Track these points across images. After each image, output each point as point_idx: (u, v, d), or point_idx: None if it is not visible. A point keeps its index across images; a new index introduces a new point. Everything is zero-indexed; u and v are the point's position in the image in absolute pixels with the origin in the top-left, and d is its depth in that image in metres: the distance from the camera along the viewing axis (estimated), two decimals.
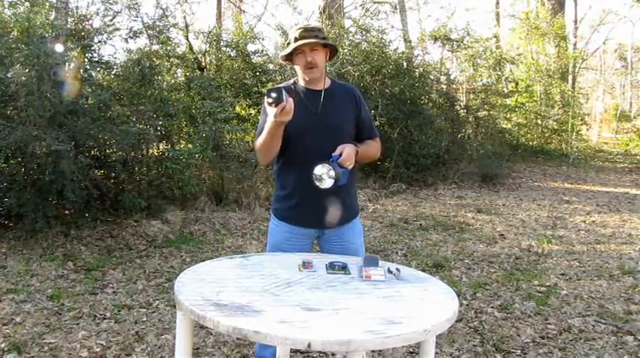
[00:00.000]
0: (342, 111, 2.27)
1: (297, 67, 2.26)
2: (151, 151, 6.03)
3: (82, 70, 5.64)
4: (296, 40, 2.19)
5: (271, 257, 2.12)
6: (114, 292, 3.81)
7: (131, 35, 6.29)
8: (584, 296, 3.93)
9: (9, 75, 4.96)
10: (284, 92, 1.96)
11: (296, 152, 2.22)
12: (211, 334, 3.13)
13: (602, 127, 19.91)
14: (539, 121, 13.69)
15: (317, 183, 2.06)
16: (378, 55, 8.70)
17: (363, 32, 9.46)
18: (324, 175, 2.06)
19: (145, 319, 3.36)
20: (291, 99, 1.98)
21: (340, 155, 2.10)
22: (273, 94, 1.95)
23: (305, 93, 2.26)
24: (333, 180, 2.04)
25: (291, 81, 2.35)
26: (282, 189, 2.33)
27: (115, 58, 6.33)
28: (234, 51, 8.60)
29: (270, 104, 1.97)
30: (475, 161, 9.67)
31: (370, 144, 2.36)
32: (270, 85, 7.15)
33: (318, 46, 2.21)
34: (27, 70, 4.89)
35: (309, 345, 1.40)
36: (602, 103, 22.47)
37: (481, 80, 11.49)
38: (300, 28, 2.22)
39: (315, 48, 2.20)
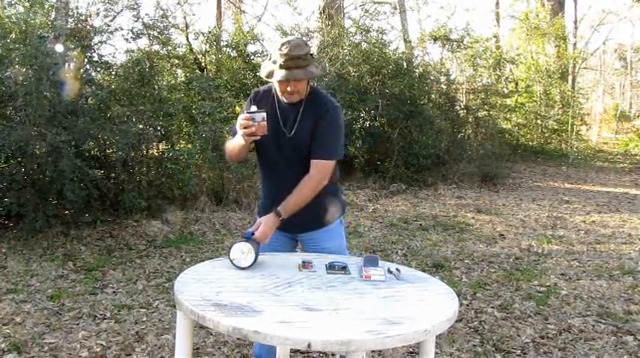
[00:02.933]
0: (307, 127, 2.16)
1: (275, 85, 2.15)
2: (150, 151, 6.04)
3: (81, 70, 5.64)
4: (281, 67, 2.04)
5: (271, 257, 2.12)
6: (114, 292, 3.81)
7: (133, 36, 6.30)
8: (584, 296, 3.93)
9: (8, 75, 4.96)
10: (262, 117, 2.01)
11: (269, 159, 2.24)
12: (211, 334, 3.13)
13: (601, 127, 19.87)
14: (539, 121, 13.67)
15: (236, 264, 1.94)
16: (378, 56, 8.70)
17: (363, 32, 9.46)
18: (243, 254, 1.95)
19: (145, 319, 3.36)
20: (263, 126, 2.01)
21: (254, 232, 2.03)
22: (253, 110, 2.04)
23: (281, 105, 2.19)
24: (253, 256, 1.93)
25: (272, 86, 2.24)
26: (262, 190, 2.38)
27: (115, 58, 6.34)
28: (234, 51, 8.60)
29: (246, 118, 2.02)
30: (475, 161, 9.66)
31: (300, 187, 2.10)
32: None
33: None
34: (25, 70, 4.89)
35: (309, 345, 1.40)
36: (602, 103, 22.44)
37: (481, 80, 11.48)
38: (284, 55, 2.03)
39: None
